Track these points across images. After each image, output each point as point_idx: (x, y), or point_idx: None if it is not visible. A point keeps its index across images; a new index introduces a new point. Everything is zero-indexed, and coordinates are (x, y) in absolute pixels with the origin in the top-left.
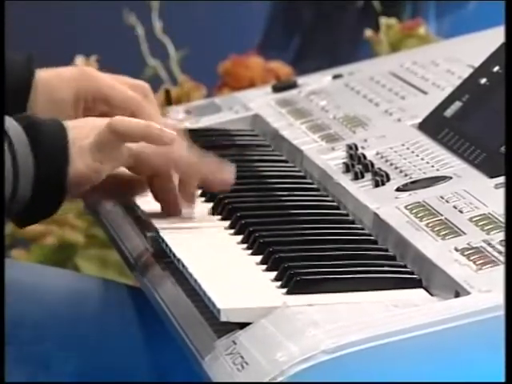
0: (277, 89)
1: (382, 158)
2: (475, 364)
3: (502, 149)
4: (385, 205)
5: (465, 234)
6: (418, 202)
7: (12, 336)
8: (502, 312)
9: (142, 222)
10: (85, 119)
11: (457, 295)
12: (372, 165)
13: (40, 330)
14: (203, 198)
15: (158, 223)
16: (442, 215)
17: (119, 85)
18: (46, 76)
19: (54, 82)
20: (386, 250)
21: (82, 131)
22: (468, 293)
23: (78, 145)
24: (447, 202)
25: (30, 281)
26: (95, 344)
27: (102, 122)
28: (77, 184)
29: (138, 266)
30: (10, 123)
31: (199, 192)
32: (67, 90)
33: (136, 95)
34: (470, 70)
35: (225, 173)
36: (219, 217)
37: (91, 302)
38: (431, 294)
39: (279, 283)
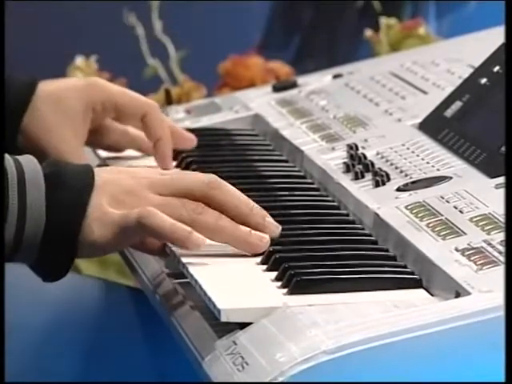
0: (277, 88)
1: (382, 157)
2: (475, 364)
3: (503, 149)
4: (385, 205)
5: (465, 234)
6: (419, 202)
7: (13, 338)
8: (502, 312)
9: None
10: (108, 177)
11: (457, 295)
12: (372, 165)
13: (41, 331)
14: None
15: None
16: (442, 215)
17: (129, 91)
18: (51, 87)
19: (60, 92)
20: (387, 250)
21: (104, 198)
22: (468, 293)
23: (100, 214)
24: (447, 202)
25: (31, 283)
26: (96, 345)
27: (124, 188)
28: (89, 248)
29: (138, 267)
30: (29, 164)
31: None
32: (76, 99)
33: (148, 100)
34: (471, 70)
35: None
36: None
37: (92, 303)
38: (432, 295)
39: (280, 283)
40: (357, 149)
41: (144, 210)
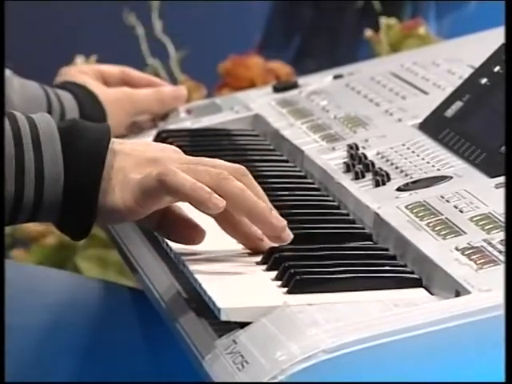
0: (277, 89)
1: (382, 157)
2: (475, 363)
3: (502, 149)
4: (385, 204)
5: (465, 233)
6: (419, 202)
7: (13, 338)
8: (502, 311)
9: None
10: (134, 146)
11: (457, 294)
12: (373, 165)
13: (41, 332)
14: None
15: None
16: (442, 215)
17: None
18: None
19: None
20: (387, 250)
21: (128, 161)
22: (468, 292)
23: (122, 176)
24: (448, 201)
25: (32, 283)
26: (96, 345)
27: (150, 156)
28: (109, 215)
29: (138, 267)
30: (43, 119)
31: None
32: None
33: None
34: (471, 70)
35: (278, 224)
36: None
37: (92, 303)
38: (431, 294)
39: (279, 282)
40: (357, 149)
41: (164, 168)
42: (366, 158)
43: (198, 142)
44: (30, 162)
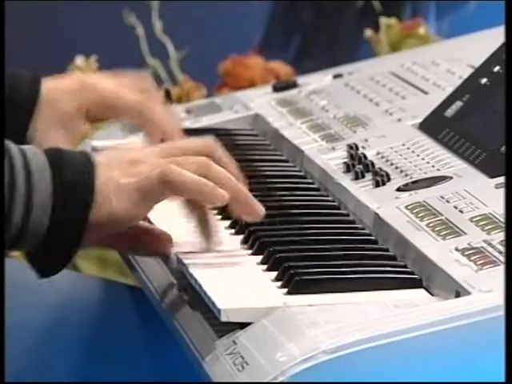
0: (277, 88)
1: (382, 157)
2: (475, 364)
3: (503, 149)
4: (385, 205)
5: (465, 234)
6: (419, 202)
7: (13, 338)
8: (502, 312)
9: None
10: (118, 153)
11: (457, 295)
12: (372, 165)
13: (41, 331)
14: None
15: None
16: (442, 215)
17: (121, 90)
18: (46, 88)
19: (55, 94)
20: (387, 250)
21: (113, 169)
22: (468, 293)
23: (114, 185)
24: (448, 201)
25: (32, 283)
26: (96, 344)
27: (131, 157)
28: (108, 225)
29: (137, 266)
30: (32, 152)
31: None
32: (69, 101)
33: (139, 98)
34: (471, 70)
35: (256, 204)
36: (219, 217)
37: (92, 303)
38: (432, 294)
39: (280, 283)
40: (357, 149)
41: (165, 168)
42: (365, 158)
43: None
44: (21, 189)
